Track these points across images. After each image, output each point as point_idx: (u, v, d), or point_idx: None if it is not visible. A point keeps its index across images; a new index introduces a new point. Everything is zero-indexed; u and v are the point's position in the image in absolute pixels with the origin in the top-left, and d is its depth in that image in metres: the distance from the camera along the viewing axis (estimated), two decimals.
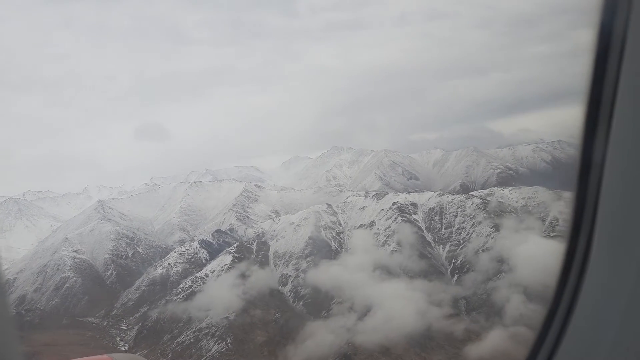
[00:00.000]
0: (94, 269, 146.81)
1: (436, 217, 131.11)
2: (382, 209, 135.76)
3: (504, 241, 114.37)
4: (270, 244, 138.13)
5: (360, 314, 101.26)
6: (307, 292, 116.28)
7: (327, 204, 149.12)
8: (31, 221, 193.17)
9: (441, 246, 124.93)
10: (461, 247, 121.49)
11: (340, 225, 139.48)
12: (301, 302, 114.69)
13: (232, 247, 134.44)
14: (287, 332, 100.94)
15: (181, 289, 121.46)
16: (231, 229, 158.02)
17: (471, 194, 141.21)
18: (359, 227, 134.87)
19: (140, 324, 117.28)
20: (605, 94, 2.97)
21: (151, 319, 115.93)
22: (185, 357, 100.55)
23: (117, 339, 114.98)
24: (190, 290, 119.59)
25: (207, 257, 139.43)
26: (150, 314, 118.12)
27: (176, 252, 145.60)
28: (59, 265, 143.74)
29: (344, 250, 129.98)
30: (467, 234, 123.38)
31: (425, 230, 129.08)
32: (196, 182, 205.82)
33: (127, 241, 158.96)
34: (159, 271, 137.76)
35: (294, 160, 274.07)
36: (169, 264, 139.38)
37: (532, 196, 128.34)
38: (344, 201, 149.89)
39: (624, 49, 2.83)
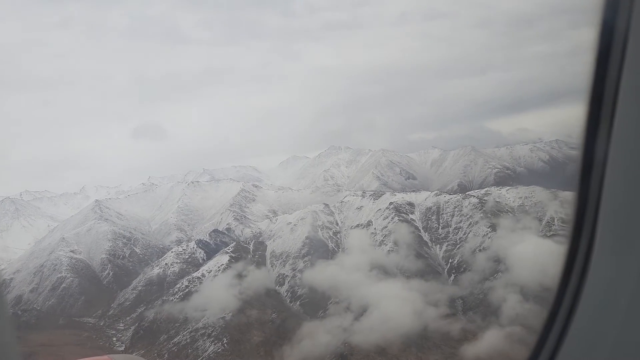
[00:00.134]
0: (91, 269, 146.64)
1: (433, 217, 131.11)
2: (379, 209, 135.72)
3: (501, 241, 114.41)
4: (267, 243, 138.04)
5: (356, 314, 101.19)
6: (303, 292, 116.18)
7: (324, 204, 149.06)
8: (28, 221, 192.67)
9: (438, 246, 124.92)
10: (458, 246, 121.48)
11: (337, 225, 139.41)
12: (298, 302, 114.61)
13: (229, 247, 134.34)
14: (283, 332, 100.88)
15: (178, 289, 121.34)
16: (228, 229, 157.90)
17: (468, 193, 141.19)
18: (356, 226, 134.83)
19: (136, 324, 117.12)
20: (607, 92, 2.96)
21: (148, 319, 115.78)
22: (181, 357, 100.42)
23: (114, 339, 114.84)
24: (186, 290, 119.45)
25: (204, 257, 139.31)
26: (146, 314, 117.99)
27: (173, 252, 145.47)
28: (56, 265, 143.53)
29: (340, 250, 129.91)
30: (464, 234, 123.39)
31: (422, 230, 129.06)
32: (193, 182, 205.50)
33: (124, 241, 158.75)
34: (156, 271, 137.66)
35: (291, 159, 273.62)
36: (166, 264, 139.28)
37: (529, 196, 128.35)
38: (341, 201, 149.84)
39: (626, 47, 2.82)
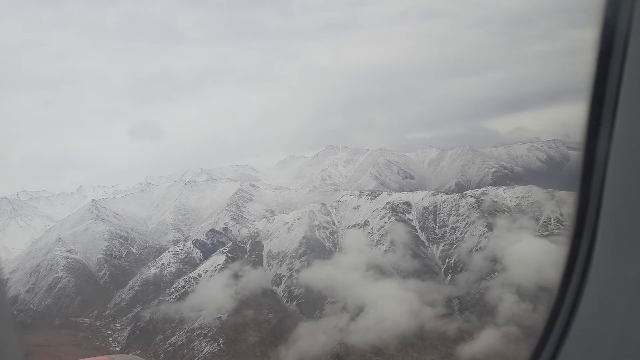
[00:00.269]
0: (87, 269, 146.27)
1: (430, 217, 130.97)
2: (376, 209, 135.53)
3: (498, 240, 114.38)
4: (264, 243, 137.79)
5: (353, 314, 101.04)
6: (300, 292, 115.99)
7: (322, 204, 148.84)
8: (25, 221, 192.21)
9: (435, 246, 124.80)
10: (455, 246, 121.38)
11: (334, 224, 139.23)
12: (294, 302, 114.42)
13: (225, 247, 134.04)
14: (279, 333, 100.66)
15: (174, 289, 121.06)
16: (225, 229, 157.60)
17: (465, 193, 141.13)
18: (353, 226, 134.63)
19: (133, 325, 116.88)
20: (608, 92, 2.93)
21: (144, 319, 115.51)
22: (177, 357, 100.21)
23: (110, 339, 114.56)
24: (183, 290, 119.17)
25: (200, 257, 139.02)
26: (142, 314, 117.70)
27: (170, 252, 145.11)
28: (52, 265, 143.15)
29: (337, 250, 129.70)
30: (460, 234, 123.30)
31: (419, 229, 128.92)
32: (191, 182, 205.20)
33: (121, 241, 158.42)
34: (153, 271, 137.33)
35: (289, 159, 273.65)
36: (163, 264, 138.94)
37: (525, 195, 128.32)
38: (338, 200, 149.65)
39: (627, 47, 2.80)
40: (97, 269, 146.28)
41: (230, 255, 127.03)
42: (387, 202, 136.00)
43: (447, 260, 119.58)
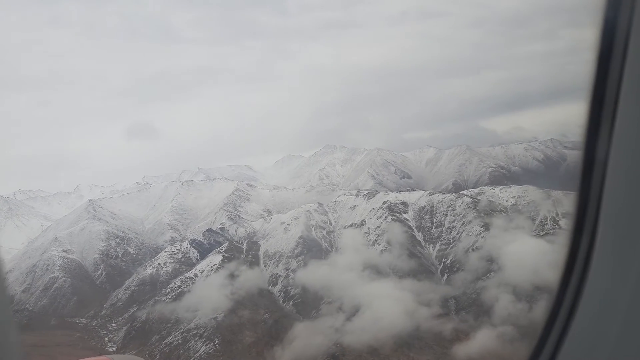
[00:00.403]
0: (84, 268, 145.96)
1: (426, 216, 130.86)
2: (373, 208, 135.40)
3: (494, 240, 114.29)
4: (260, 243, 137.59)
5: (348, 314, 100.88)
6: (296, 292, 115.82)
7: (318, 203, 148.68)
8: (22, 220, 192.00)
9: (431, 245, 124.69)
10: (451, 246, 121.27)
11: (330, 224, 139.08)
12: (291, 302, 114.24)
13: (222, 246, 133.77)
14: (275, 333, 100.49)
15: (170, 289, 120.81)
16: (222, 229, 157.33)
17: (461, 192, 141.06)
18: (350, 226, 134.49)
19: (128, 325, 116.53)
20: (608, 91, 2.92)
21: (140, 320, 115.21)
22: (173, 358, 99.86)
23: (106, 339, 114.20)
24: (179, 290, 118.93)
25: (197, 257, 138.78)
26: (139, 315, 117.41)
27: (166, 251, 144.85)
28: (48, 265, 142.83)
29: (334, 249, 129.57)
30: (457, 233, 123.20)
31: (415, 229, 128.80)
32: (188, 181, 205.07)
33: (118, 241, 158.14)
34: (149, 271, 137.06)
35: (287, 159, 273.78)
36: (159, 264, 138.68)
37: (522, 195, 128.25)
38: (335, 200, 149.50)
39: (628, 46, 2.79)
40: (94, 269, 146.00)
41: (226, 255, 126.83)
42: (384, 202, 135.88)
43: (443, 260, 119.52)
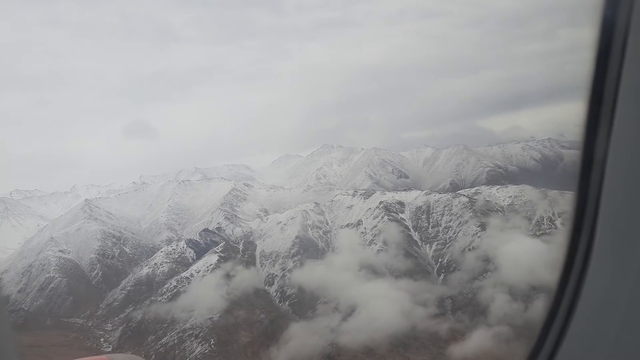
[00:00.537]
0: (80, 268, 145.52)
1: (423, 216, 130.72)
2: (369, 208, 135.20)
3: (490, 240, 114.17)
4: (257, 243, 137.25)
5: (344, 314, 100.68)
6: (293, 292, 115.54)
7: (315, 203, 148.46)
8: (18, 220, 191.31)
9: (428, 245, 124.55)
10: (448, 246, 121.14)
11: (327, 224, 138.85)
12: (287, 302, 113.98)
13: (218, 246, 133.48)
14: (271, 333, 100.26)
15: (166, 290, 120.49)
16: (219, 228, 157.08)
17: (458, 192, 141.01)
18: (346, 226, 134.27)
19: (124, 325, 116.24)
20: (607, 91, 2.92)
21: (135, 320, 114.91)
22: (168, 358, 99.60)
23: (101, 339, 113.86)
24: (175, 290, 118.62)
25: (193, 257, 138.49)
26: (134, 315, 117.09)
27: (163, 251, 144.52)
28: (44, 265, 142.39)
29: (330, 249, 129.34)
30: (453, 233, 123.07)
31: (412, 229, 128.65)
32: (185, 181, 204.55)
33: (114, 240, 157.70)
34: (145, 271, 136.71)
35: (284, 158, 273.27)
36: (155, 264, 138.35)
37: (519, 195, 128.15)
38: (332, 200, 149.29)
39: (626, 46, 2.80)
40: (90, 269, 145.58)
41: (222, 255, 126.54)
42: (381, 202, 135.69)
43: (439, 259, 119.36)
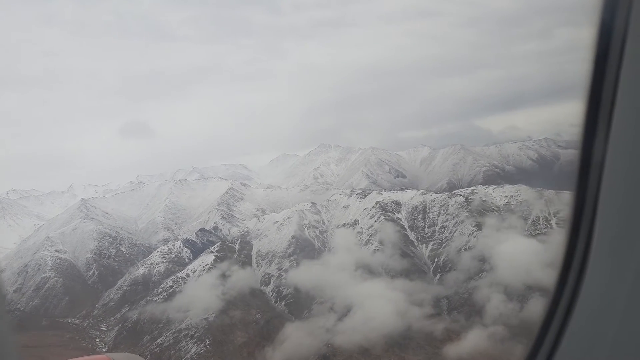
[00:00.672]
0: (76, 268, 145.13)
1: (419, 216, 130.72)
2: (366, 208, 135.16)
3: (486, 240, 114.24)
4: (253, 243, 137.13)
5: (340, 315, 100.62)
6: (289, 292, 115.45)
7: (312, 203, 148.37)
8: (14, 220, 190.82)
9: (424, 245, 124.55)
10: (444, 245, 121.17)
11: (323, 224, 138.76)
12: (283, 302, 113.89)
13: (214, 246, 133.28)
14: (267, 333, 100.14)
15: (162, 289, 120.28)
16: (215, 228, 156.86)
17: (454, 192, 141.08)
18: (342, 226, 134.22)
19: (120, 325, 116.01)
20: (605, 92, 2.91)
21: (131, 320, 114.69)
22: (164, 358, 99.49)
23: (97, 340, 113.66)
24: (171, 290, 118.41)
25: (190, 257, 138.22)
26: (130, 315, 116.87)
27: (159, 251, 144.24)
28: (40, 265, 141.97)
29: (327, 249, 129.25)
30: (449, 233, 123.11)
31: (408, 229, 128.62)
32: (181, 180, 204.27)
33: (110, 240, 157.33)
34: (141, 271, 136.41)
35: (282, 158, 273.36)
36: (152, 264, 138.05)
37: (515, 194, 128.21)
38: (328, 200, 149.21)
39: (624, 47, 2.78)
40: (86, 269, 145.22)
41: (218, 255, 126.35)
42: (377, 202, 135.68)
43: (436, 259, 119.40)
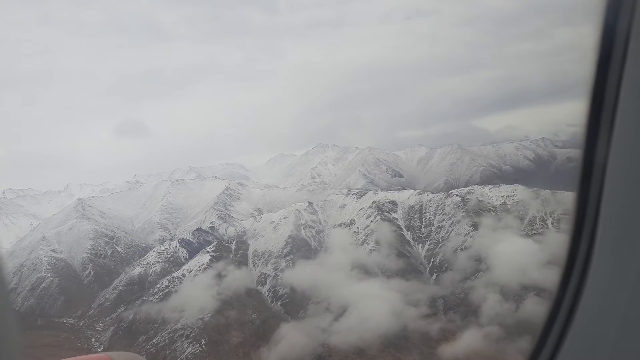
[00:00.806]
0: (72, 268, 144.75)
1: (416, 216, 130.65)
2: (362, 208, 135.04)
3: (482, 240, 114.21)
4: (249, 242, 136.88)
5: (336, 315, 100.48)
6: (285, 292, 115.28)
7: (308, 202, 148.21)
8: (10, 219, 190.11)
9: (420, 245, 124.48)
10: (440, 245, 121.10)
11: (320, 224, 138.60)
12: (279, 302, 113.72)
13: (210, 246, 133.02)
14: (263, 333, 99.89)
15: (158, 289, 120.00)
16: (212, 228, 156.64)
17: (451, 192, 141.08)
18: (339, 225, 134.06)
19: (116, 325, 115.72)
20: (608, 93, 2.89)
21: (127, 320, 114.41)
22: (159, 358, 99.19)
23: (92, 340, 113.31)
24: (166, 290, 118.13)
25: (186, 256, 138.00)
26: (126, 315, 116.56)
27: (155, 251, 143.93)
28: (36, 264, 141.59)
29: (323, 249, 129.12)
30: (446, 233, 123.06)
31: (404, 228, 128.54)
32: (178, 180, 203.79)
33: (106, 240, 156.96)
34: (138, 271, 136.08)
35: (279, 157, 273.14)
36: (148, 264, 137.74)
37: (511, 194, 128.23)
38: (325, 199, 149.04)
39: (627, 48, 2.77)
40: (82, 269, 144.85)
41: (214, 254, 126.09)
42: (373, 201, 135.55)
43: (432, 259, 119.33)
